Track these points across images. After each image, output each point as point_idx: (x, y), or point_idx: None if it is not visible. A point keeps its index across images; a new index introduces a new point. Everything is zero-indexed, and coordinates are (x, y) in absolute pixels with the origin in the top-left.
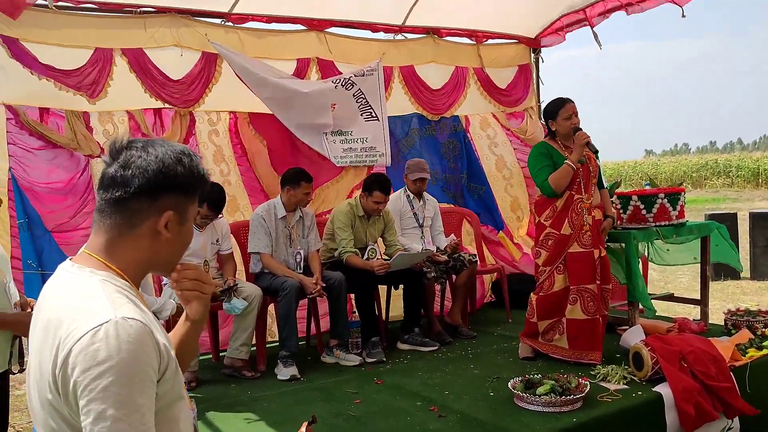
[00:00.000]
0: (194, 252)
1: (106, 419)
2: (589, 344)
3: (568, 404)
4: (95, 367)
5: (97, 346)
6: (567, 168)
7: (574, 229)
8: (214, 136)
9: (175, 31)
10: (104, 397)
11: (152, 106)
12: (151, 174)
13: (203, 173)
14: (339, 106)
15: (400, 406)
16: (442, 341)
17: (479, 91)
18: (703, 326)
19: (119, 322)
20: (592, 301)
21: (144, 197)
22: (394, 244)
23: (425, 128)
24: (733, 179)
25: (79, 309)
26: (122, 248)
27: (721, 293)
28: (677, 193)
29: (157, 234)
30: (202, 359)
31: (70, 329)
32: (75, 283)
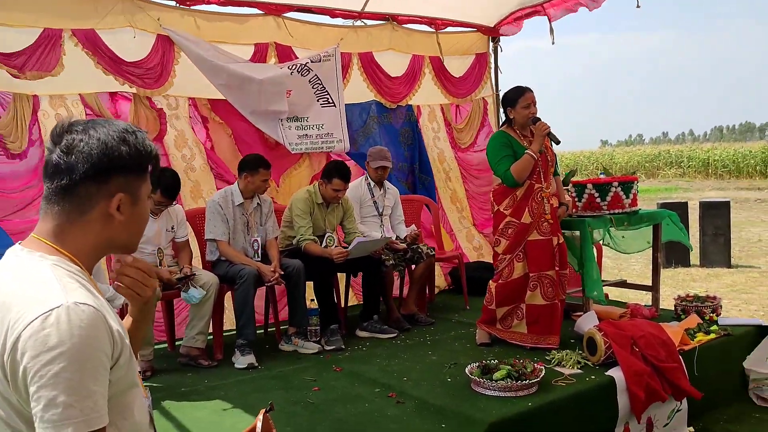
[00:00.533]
0: (148, 239)
1: (57, 406)
2: (548, 329)
3: (524, 389)
4: (46, 352)
5: (48, 331)
6: (528, 158)
7: (534, 217)
8: (175, 120)
9: (130, 16)
10: (55, 384)
11: (107, 89)
12: (96, 158)
13: (150, 149)
14: (294, 93)
15: (359, 393)
16: (401, 328)
17: (433, 80)
18: (655, 312)
19: (71, 307)
20: (551, 286)
21: (91, 182)
22: (353, 231)
23: (383, 116)
24: (684, 169)
25: (29, 293)
26: (73, 234)
27: (672, 280)
28: (630, 182)
29: (109, 217)
30: (157, 348)
31: (19, 314)
32: (25, 267)
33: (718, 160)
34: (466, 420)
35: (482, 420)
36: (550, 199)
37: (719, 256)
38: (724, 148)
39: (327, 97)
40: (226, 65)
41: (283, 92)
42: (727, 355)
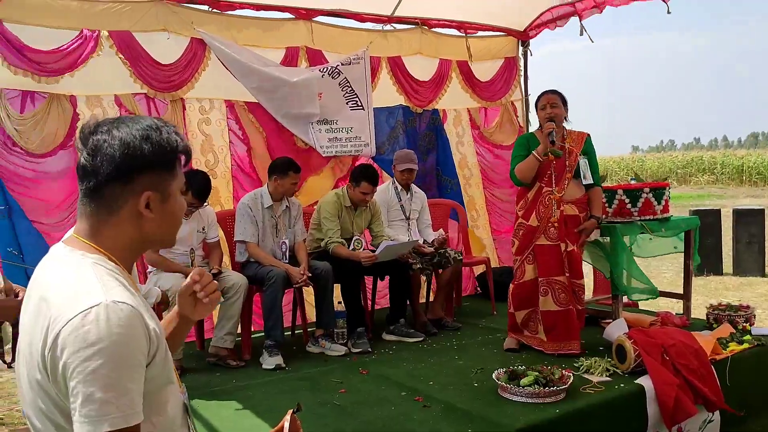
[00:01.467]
0: (181, 240)
1: (95, 402)
2: (566, 334)
3: (552, 395)
4: (85, 349)
5: (88, 328)
6: (531, 159)
7: (540, 221)
8: (205, 126)
9: (163, 18)
10: (93, 380)
11: (142, 91)
12: (118, 159)
13: (175, 143)
14: (326, 95)
15: (385, 396)
16: (428, 332)
17: (460, 84)
18: (686, 320)
19: (110, 305)
20: (563, 292)
21: (115, 183)
22: (380, 235)
23: (409, 120)
24: (717, 176)
25: (70, 291)
26: (107, 233)
27: (704, 288)
28: (662, 188)
29: (139, 216)
30: (186, 347)
31: (60, 310)
32: (67, 265)
33: (753, 167)
34: (493, 425)
35: (509, 426)
36: (561, 205)
37: (753, 265)
38: (758, 155)
39: (356, 100)
40: (259, 68)
41: (315, 94)
42: (761, 365)
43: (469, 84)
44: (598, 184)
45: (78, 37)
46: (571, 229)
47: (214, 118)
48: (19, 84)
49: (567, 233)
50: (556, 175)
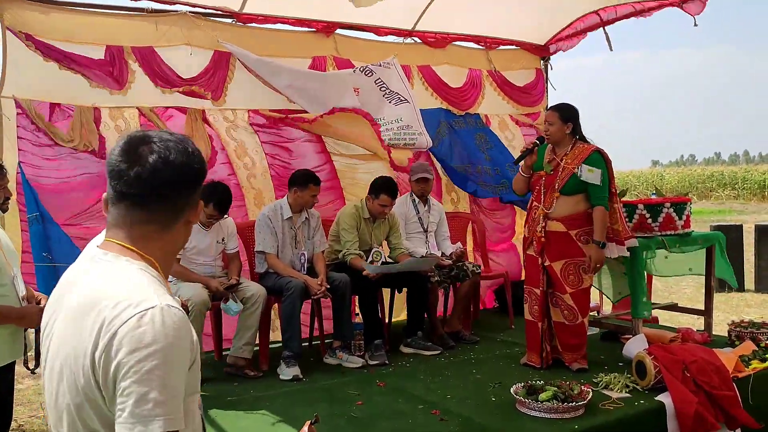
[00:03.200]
0: (200, 251)
1: (148, 402)
2: (530, 344)
3: (570, 411)
4: (142, 349)
5: (144, 329)
6: (517, 173)
7: (529, 233)
8: (233, 132)
9: (186, 31)
10: (148, 380)
11: (163, 105)
12: (177, 174)
13: (205, 164)
14: (363, 92)
15: (402, 409)
16: (445, 345)
17: (495, 92)
18: (707, 337)
19: (164, 308)
20: (536, 304)
21: (174, 197)
22: (398, 247)
23: (454, 121)
24: (739, 191)
25: (123, 294)
26: (157, 241)
27: (725, 305)
28: (683, 203)
29: (188, 225)
30: (204, 357)
31: (115, 312)
32: (113, 270)
33: None
34: None
35: None
36: (545, 221)
37: None
38: None
39: (398, 96)
40: (288, 66)
41: (350, 88)
42: None
43: (505, 91)
44: (599, 203)
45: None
46: (553, 245)
47: (240, 123)
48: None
49: (548, 249)
50: (545, 191)
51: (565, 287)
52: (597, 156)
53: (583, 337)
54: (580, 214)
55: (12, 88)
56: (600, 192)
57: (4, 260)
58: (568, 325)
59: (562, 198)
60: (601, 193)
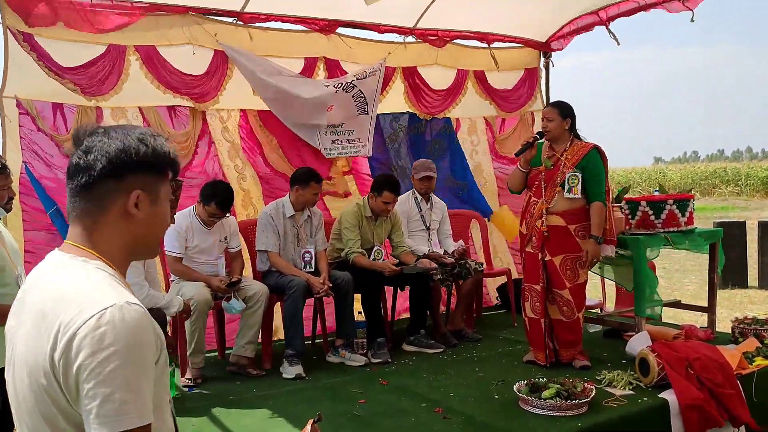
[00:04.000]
0: (203, 250)
1: (114, 401)
2: (533, 343)
3: (574, 408)
4: (102, 351)
5: (104, 330)
6: (515, 169)
7: (528, 229)
8: (226, 133)
9: (188, 29)
10: (111, 380)
11: (166, 104)
12: (113, 155)
13: (169, 151)
14: (336, 107)
15: (405, 407)
16: (448, 344)
17: (477, 93)
18: (710, 334)
19: (124, 306)
20: (538, 301)
21: (109, 179)
22: (401, 245)
23: (414, 126)
24: (742, 188)
25: (80, 295)
26: (100, 235)
27: (729, 301)
28: (686, 200)
29: (128, 215)
30: (207, 356)
31: (72, 314)
32: (70, 271)
33: None
34: None
35: None
36: (542, 215)
37: None
38: None
39: (365, 108)
40: (276, 83)
41: (325, 108)
42: None
43: (488, 93)
44: (598, 199)
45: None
46: (553, 239)
47: (232, 126)
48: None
49: (548, 243)
50: (545, 186)
51: (565, 282)
52: (595, 153)
53: (579, 333)
54: (579, 210)
55: (14, 88)
56: (598, 188)
57: (9, 260)
58: (565, 322)
59: (564, 193)
60: (599, 189)
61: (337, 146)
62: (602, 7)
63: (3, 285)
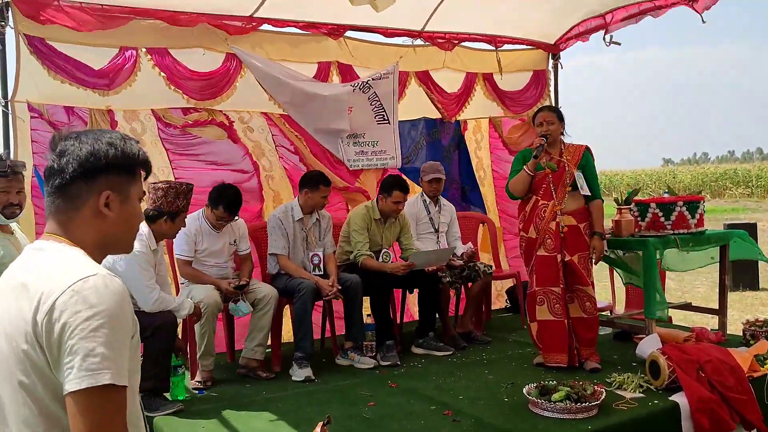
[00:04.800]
0: (212, 253)
1: (96, 356)
2: (554, 346)
3: (584, 411)
4: (87, 309)
5: (88, 292)
6: (522, 173)
7: (538, 233)
8: (249, 133)
9: (198, 35)
10: (94, 337)
11: (179, 105)
12: (83, 158)
13: (138, 153)
14: (355, 110)
15: (414, 410)
16: (457, 346)
17: (485, 95)
18: (721, 336)
19: (106, 276)
20: (558, 303)
21: (80, 181)
22: (409, 248)
23: (432, 132)
24: (753, 189)
25: (63, 267)
26: (73, 230)
27: (740, 304)
28: (696, 202)
29: (100, 214)
30: (217, 359)
31: (56, 280)
32: (51, 252)
33: None
34: None
35: None
36: (556, 217)
37: None
38: None
39: (383, 114)
40: (291, 82)
41: (345, 109)
42: None
43: (496, 95)
44: (598, 196)
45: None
46: (569, 239)
47: (255, 126)
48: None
49: (565, 244)
50: (554, 188)
51: (587, 279)
52: (588, 153)
53: (597, 330)
54: (583, 208)
55: (26, 92)
56: (597, 186)
57: None
58: (586, 319)
59: (571, 193)
60: (597, 187)
61: (361, 158)
62: (610, 10)
63: None
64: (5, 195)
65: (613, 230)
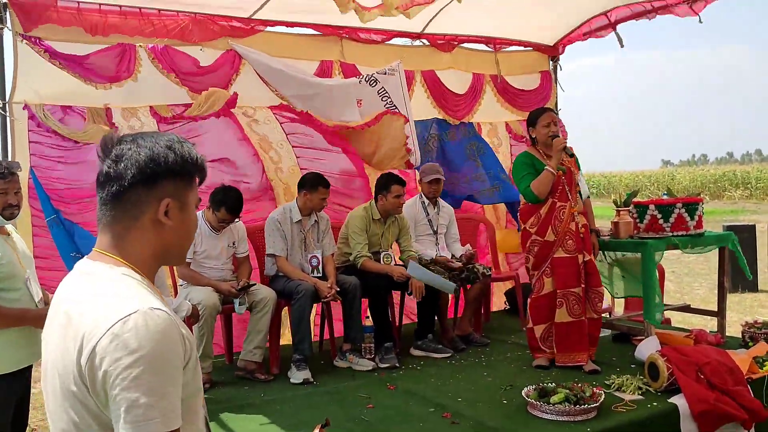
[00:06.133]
0: (211, 255)
1: (139, 407)
2: (575, 346)
3: (582, 413)
4: (126, 356)
5: (127, 336)
6: (547, 174)
7: (557, 235)
8: (255, 125)
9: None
10: (136, 386)
11: (177, 102)
12: (143, 164)
13: (197, 158)
14: (365, 103)
15: (413, 412)
16: (456, 348)
17: (495, 98)
18: (720, 338)
19: (147, 312)
20: (577, 304)
21: (140, 187)
22: (408, 249)
23: (445, 133)
24: (752, 191)
25: (105, 301)
26: (130, 242)
27: (739, 305)
28: (695, 203)
29: (158, 223)
30: (215, 361)
31: (97, 321)
32: (96, 278)
33: None
34: None
35: None
36: (575, 217)
37: None
38: None
39: (396, 110)
40: (295, 75)
41: (353, 101)
42: None
43: (505, 96)
44: (587, 195)
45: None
46: (585, 240)
47: (261, 118)
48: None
49: (585, 244)
50: (569, 188)
51: (600, 279)
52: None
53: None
54: (584, 209)
55: (23, 94)
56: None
57: (20, 265)
58: (596, 319)
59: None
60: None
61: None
62: (610, 9)
63: (15, 290)
64: (4, 197)
65: (612, 232)
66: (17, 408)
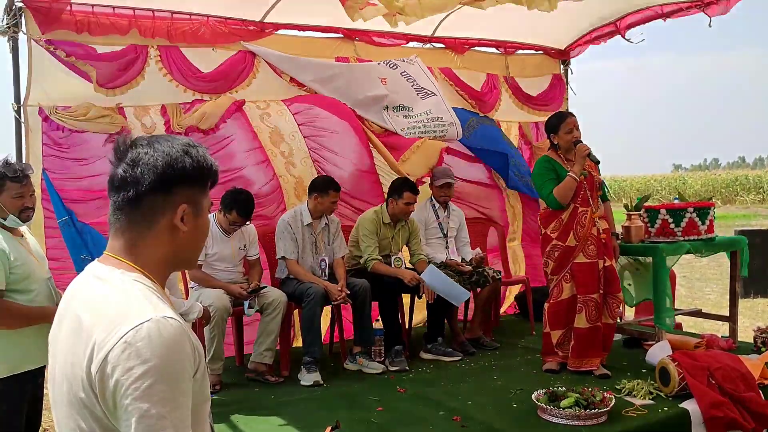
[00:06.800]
0: (222, 257)
1: (151, 417)
2: (589, 351)
3: (593, 418)
4: (139, 366)
5: (141, 345)
6: (570, 180)
7: (578, 240)
8: (267, 118)
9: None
10: (148, 396)
11: (188, 100)
12: (161, 169)
13: (211, 163)
14: (390, 82)
15: (423, 415)
16: (466, 351)
17: (511, 98)
18: (732, 343)
19: (160, 320)
20: (595, 309)
21: (157, 193)
22: (418, 253)
23: (481, 118)
24: (764, 196)
25: (117, 309)
26: (144, 248)
27: (751, 311)
28: (707, 208)
29: (174, 229)
30: (226, 362)
31: (109, 329)
32: (108, 284)
33: None
34: None
35: None
36: (597, 222)
37: None
38: None
39: (424, 90)
40: (313, 59)
41: (376, 78)
42: None
43: (520, 97)
44: (607, 198)
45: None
46: (608, 243)
47: (273, 111)
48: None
49: (606, 249)
50: (590, 193)
51: (619, 285)
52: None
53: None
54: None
55: (37, 97)
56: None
57: (36, 265)
58: (612, 324)
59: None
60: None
61: (417, 126)
62: (621, 17)
63: (29, 291)
64: (21, 200)
65: (623, 236)
66: (30, 408)
